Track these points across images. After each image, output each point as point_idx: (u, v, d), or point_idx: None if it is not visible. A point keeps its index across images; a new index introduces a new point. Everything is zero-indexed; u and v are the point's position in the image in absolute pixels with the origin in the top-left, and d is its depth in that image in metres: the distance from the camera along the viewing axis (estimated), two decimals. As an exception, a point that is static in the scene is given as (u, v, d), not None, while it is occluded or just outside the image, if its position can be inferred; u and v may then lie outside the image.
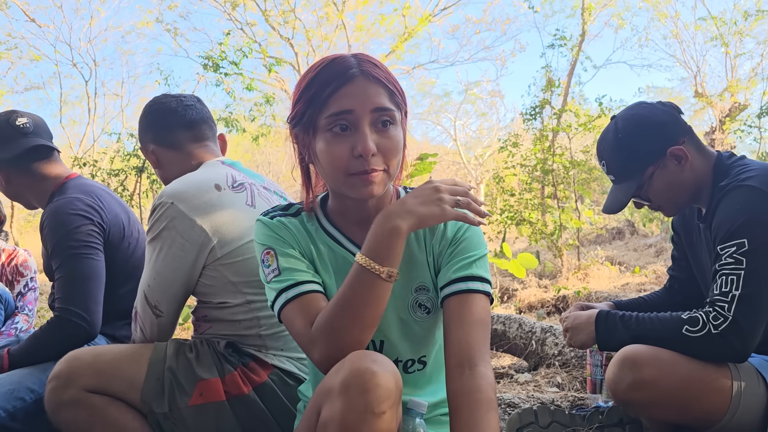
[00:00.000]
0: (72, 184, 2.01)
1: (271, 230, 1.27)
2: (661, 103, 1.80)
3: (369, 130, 1.15)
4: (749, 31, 15.01)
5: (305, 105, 1.18)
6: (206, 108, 1.90)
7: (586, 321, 1.74)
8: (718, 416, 1.56)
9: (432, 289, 1.30)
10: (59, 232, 1.84)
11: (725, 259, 1.53)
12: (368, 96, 1.14)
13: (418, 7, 16.60)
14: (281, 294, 1.21)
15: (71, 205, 1.89)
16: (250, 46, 6.78)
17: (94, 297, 1.82)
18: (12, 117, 2.00)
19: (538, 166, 7.08)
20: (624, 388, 1.57)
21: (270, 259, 1.24)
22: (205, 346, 1.58)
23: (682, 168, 1.72)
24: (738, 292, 1.49)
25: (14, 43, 15.43)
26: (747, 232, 1.52)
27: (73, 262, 1.82)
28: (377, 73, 1.16)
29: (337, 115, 1.14)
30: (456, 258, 1.25)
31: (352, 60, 1.17)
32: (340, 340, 1.11)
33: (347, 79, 1.14)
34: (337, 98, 1.14)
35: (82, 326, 1.77)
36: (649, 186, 1.76)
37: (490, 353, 3.14)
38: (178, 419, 1.49)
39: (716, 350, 1.51)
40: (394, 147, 1.17)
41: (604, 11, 15.17)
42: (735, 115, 13.38)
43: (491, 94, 24.50)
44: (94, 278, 1.83)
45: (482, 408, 1.09)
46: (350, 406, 0.99)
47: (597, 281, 5.75)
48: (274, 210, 1.32)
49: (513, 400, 2.11)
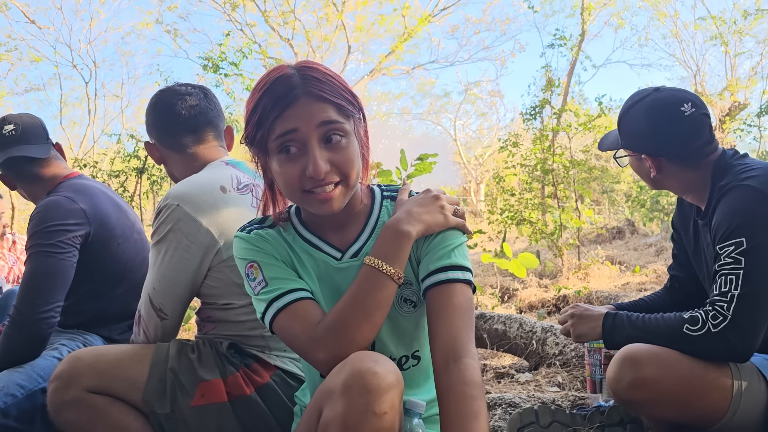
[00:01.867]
0: (66, 184, 2.03)
1: (250, 244, 1.28)
2: (700, 104, 1.75)
3: (318, 148, 1.14)
4: (749, 30, 15.02)
5: (254, 128, 1.18)
6: (213, 102, 1.86)
7: (594, 315, 1.76)
8: (719, 415, 1.56)
9: (415, 282, 1.30)
10: (34, 229, 1.86)
11: (724, 258, 1.53)
12: (312, 114, 1.13)
13: (418, 8, 16.62)
14: (272, 304, 1.21)
15: (52, 203, 1.91)
16: (249, 46, 6.78)
17: (43, 295, 1.81)
18: (1, 125, 2.03)
19: (538, 166, 7.08)
20: (625, 386, 1.58)
21: (255, 272, 1.25)
22: (207, 346, 1.58)
23: (650, 172, 1.79)
24: (737, 291, 1.49)
25: (14, 44, 15.46)
26: (745, 231, 1.52)
27: (34, 259, 1.84)
28: (321, 89, 1.15)
29: (283, 136, 1.14)
30: (434, 249, 1.26)
31: (295, 78, 1.15)
32: (350, 338, 1.12)
33: (290, 102, 1.13)
34: (282, 120, 1.14)
35: (28, 324, 1.79)
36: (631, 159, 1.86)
37: (491, 353, 3.15)
38: (180, 420, 1.49)
39: (716, 349, 1.52)
40: (347, 159, 1.17)
41: (603, 11, 15.21)
42: (735, 114, 13.39)
43: (491, 94, 24.55)
44: (51, 276, 1.83)
45: (468, 400, 1.09)
46: (352, 407, 1.00)
47: (597, 281, 5.74)
48: (251, 224, 1.33)
49: (514, 400, 2.11)
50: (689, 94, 1.74)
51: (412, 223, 1.21)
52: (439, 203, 1.25)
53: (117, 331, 2.06)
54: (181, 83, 1.86)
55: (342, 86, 1.19)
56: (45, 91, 20.94)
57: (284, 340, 1.22)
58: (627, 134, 1.80)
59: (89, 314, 2.02)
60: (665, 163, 1.75)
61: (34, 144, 2.06)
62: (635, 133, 1.77)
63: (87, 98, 16.45)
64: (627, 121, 1.79)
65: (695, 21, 15.90)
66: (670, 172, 1.77)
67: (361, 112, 1.24)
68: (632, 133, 1.78)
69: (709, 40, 15.55)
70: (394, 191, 1.37)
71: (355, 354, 1.07)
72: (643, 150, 1.77)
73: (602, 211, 14.60)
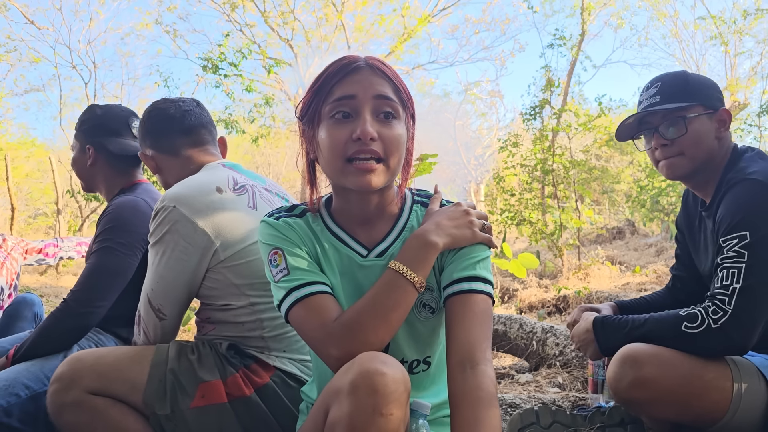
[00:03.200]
0: (143, 187, 2.11)
1: (277, 230, 1.28)
2: None
3: (370, 117, 1.18)
4: (749, 30, 15.04)
5: (312, 96, 1.23)
6: (206, 111, 1.92)
7: (585, 332, 1.75)
8: (719, 414, 1.56)
9: (436, 289, 1.31)
10: (108, 225, 1.90)
11: (727, 252, 1.54)
12: (371, 84, 1.19)
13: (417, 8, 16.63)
14: (291, 293, 1.22)
15: (132, 204, 1.95)
16: (249, 47, 6.78)
17: (102, 290, 1.85)
18: (131, 117, 2.18)
19: (538, 166, 7.08)
20: (625, 386, 1.58)
21: (278, 259, 1.25)
22: (206, 347, 1.58)
23: (719, 132, 1.75)
24: (739, 285, 1.49)
25: (14, 45, 15.47)
26: (749, 225, 1.52)
27: (100, 255, 1.88)
28: (384, 69, 1.23)
29: (339, 100, 1.19)
30: (459, 259, 1.27)
31: (360, 59, 1.22)
32: (365, 338, 1.13)
33: (353, 70, 1.20)
34: (341, 85, 1.20)
35: (77, 314, 1.81)
36: (685, 124, 1.73)
37: (492, 353, 3.15)
38: (180, 421, 1.48)
39: (715, 344, 1.52)
40: (395, 138, 1.20)
41: (603, 11, 15.21)
42: (735, 114, 13.40)
43: (491, 94, 24.58)
44: (111, 273, 1.87)
45: (483, 406, 1.10)
46: (358, 407, 1.00)
47: (597, 281, 5.75)
48: (279, 211, 1.33)
49: (514, 401, 2.11)
50: None
51: (440, 235, 1.23)
52: (469, 218, 1.27)
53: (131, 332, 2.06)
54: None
55: (401, 80, 1.25)
56: (44, 91, 20.96)
57: (298, 332, 1.22)
58: (684, 89, 1.78)
59: (109, 313, 2.02)
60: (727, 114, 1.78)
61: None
62: (695, 89, 1.77)
63: (86, 99, 16.44)
64: (696, 80, 1.80)
65: (695, 21, 15.94)
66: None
67: (413, 117, 1.29)
68: (691, 89, 1.77)
69: (708, 40, 15.60)
70: (426, 197, 1.38)
71: (364, 354, 1.07)
72: (702, 101, 1.76)
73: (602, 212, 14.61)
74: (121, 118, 2.15)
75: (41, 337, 1.82)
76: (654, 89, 1.81)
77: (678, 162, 1.77)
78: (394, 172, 1.23)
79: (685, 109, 1.74)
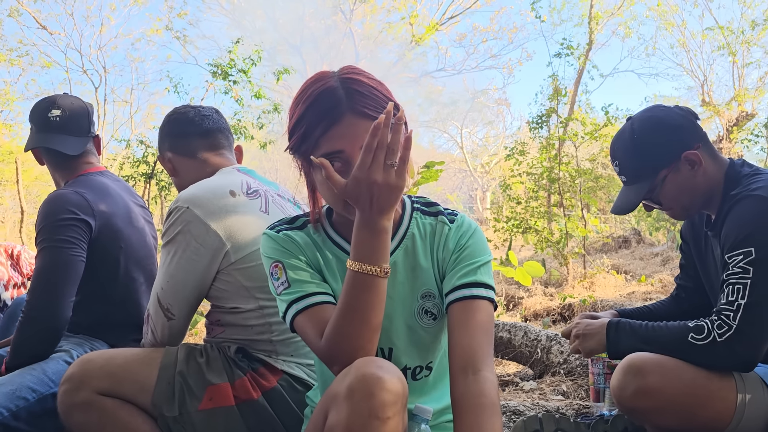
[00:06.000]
0: (82, 178, 2.07)
1: (277, 244, 1.29)
2: (678, 107, 1.81)
3: None
4: (757, 41, 15.02)
5: (299, 141, 1.19)
6: (224, 119, 1.95)
7: (598, 328, 1.74)
8: (723, 424, 1.57)
9: (438, 295, 1.32)
10: (42, 224, 1.88)
11: (732, 268, 1.53)
12: (358, 134, 1.14)
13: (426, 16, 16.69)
14: (292, 305, 1.23)
15: (59, 197, 1.93)
16: (259, 53, 6.82)
17: (54, 288, 1.83)
18: (49, 107, 2.09)
19: (545, 175, 7.08)
20: (629, 395, 1.58)
21: (279, 272, 1.26)
22: (215, 351, 1.60)
23: (695, 173, 1.72)
24: (744, 301, 1.49)
25: (25, 50, 15.61)
26: (754, 241, 1.52)
27: (44, 254, 1.86)
28: (365, 105, 1.15)
29: (328, 156, 1.15)
30: (460, 264, 1.28)
31: (339, 92, 1.15)
32: (353, 347, 1.13)
33: (335, 120, 1.14)
34: (327, 139, 1.15)
35: (41, 320, 1.81)
36: (661, 189, 1.75)
37: (496, 361, 3.16)
38: (188, 423, 1.51)
39: (721, 359, 1.52)
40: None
41: (611, 20, 15.22)
42: (742, 125, 13.37)
43: (498, 102, 24.63)
44: (61, 269, 1.85)
45: (486, 412, 1.11)
46: (356, 412, 1.01)
47: (603, 290, 5.73)
48: (280, 223, 1.34)
49: (518, 408, 2.12)
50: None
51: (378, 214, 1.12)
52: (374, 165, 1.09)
53: (123, 340, 2.04)
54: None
55: (385, 97, 1.19)
56: (55, 96, 21.02)
57: (305, 341, 1.24)
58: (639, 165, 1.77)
59: (94, 317, 2.02)
60: (702, 151, 1.73)
61: (73, 135, 2.10)
62: (648, 157, 1.75)
63: (96, 104, 16.54)
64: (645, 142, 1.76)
65: (703, 31, 15.92)
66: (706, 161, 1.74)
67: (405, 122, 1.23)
68: (645, 160, 1.76)
69: (716, 50, 15.57)
70: (425, 204, 1.38)
71: (361, 360, 1.08)
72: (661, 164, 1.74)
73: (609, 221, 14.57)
74: (40, 111, 2.09)
75: (15, 350, 1.83)
76: (616, 168, 1.85)
77: (675, 213, 1.83)
78: None
79: (650, 185, 1.76)
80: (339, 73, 1.20)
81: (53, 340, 1.86)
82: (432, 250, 1.33)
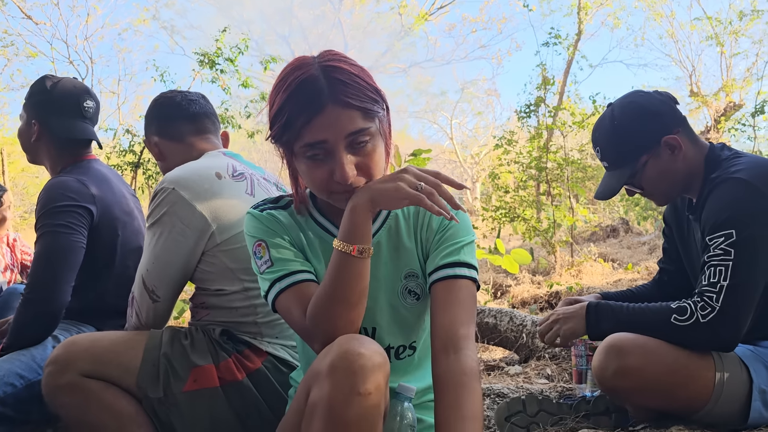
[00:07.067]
0: (79, 165, 2.07)
1: (261, 223, 1.30)
2: (658, 92, 1.83)
3: (345, 155, 1.15)
4: (744, 31, 15.07)
5: (281, 130, 1.18)
6: (210, 104, 1.95)
7: (577, 310, 1.76)
8: (701, 404, 1.59)
9: (421, 275, 1.33)
10: (43, 209, 1.88)
11: (714, 250, 1.56)
12: (340, 125, 1.13)
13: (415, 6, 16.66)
14: (275, 284, 1.24)
15: (62, 184, 1.94)
16: (246, 42, 6.79)
17: (54, 273, 1.84)
18: (83, 96, 2.11)
19: (533, 164, 7.12)
20: (610, 375, 1.60)
21: (262, 251, 1.27)
22: (200, 333, 1.60)
23: (675, 157, 1.74)
24: (726, 282, 1.52)
25: (11, 40, 15.39)
26: (735, 223, 1.54)
27: (43, 240, 1.86)
28: (347, 94, 1.14)
29: (311, 146, 1.15)
30: (443, 245, 1.29)
31: (321, 82, 1.14)
32: (332, 325, 1.14)
33: (317, 110, 1.13)
34: (310, 130, 1.14)
35: (40, 303, 1.82)
36: (642, 174, 1.78)
37: (482, 346, 3.19)
38: (173, 404, 1.51)
39: (703, 339, 1.55)
40: (374, 162, 1.18)
41: (600, 11, 15.25)
42: (730, 115, 13.44)
43: (487, 92, 24.64)
44: (61, 255, 1.86)
45: (466, 389, 1.13)
46: (337, 388, 1.02)
47: (590, 277, 5.79)
48: (264, 203, 1.35)
49: (502, 391, 2.14)
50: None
51: (360, 196, 1.16)
52: (400, 175, 1.15)
53: (110, 325, 2.05)
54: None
55: (367, 85, 1.17)
56: (41, 86, 20.79)
57: (285, 320, 1.25)
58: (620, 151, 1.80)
59: (84, 303, 2.03)
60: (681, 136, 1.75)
61: (94, 126, 2.16)
62: (628, 142, 1.78)
63: (83, 94, 16.35)
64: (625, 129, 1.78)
65: (691, 21, 15.96)
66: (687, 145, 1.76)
67: (385, 106, 1.23)
68: (625, 145, 1.78)
69: (704, 41, 15.63)
70: None
71: (343, 337, 1.09)
72: (642, 150, 1.77)
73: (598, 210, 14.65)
74: (71, 96, 2.09)
75: (14, 333, 1.84)
76: (598, 153, 1.87)
77: (656, 198, 1.86)
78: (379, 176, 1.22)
79: (631, 170, 1.78)
80: (319, 59, 1.18)
81: (51, 324, 1.87)
82: (415, 230, 1.34)
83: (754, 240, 1.53)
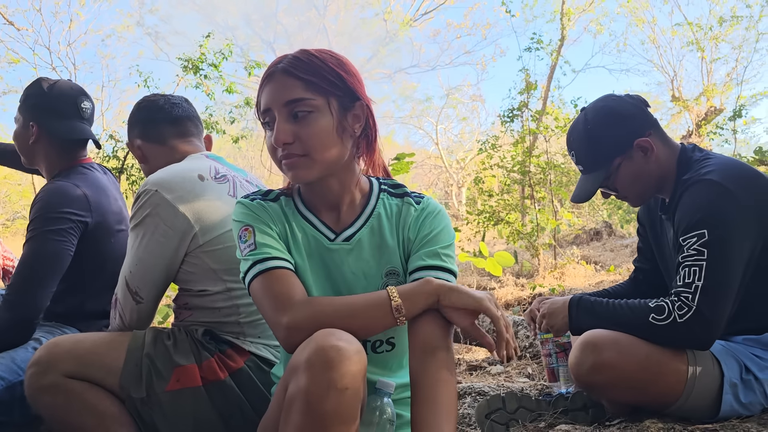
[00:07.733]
0: (77, 170, 2.07)
1: (250, 210, 1.34)
2: (629, 95, 1.87)
3: (283, 122, 1.24)
4: (725, 37, 15.24)
5: (256, 108, 1.33)
6: (193, 108, 1.97)
7: (561, 306, 1.80)
8: (673, 398, 1.63)
9: (402, 273, 1.36)
10: (37, 213, 1.89)
11: (687, 250, 1.59)
12: (281, 92, 1.25)
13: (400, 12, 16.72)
14: (255, 265, 1.27)
15: (58, 189, 1.94)
16: (230, 48, 6.79)
17: (37, 278, 1.84)
18: (80, 98, 2.11)
19: (516, 168, 7.18)
20: (585, 370, 1.64)
21: (248, 235, 1.31)
22: (182, 333, 1.62)
23: (648, 159, 1.78)
24: (701, 282, 1.55)
25: (-8, 46, 15.24)
26: (707, 224, 1.58)
27: (31, 243, 1.86)
28: (296, 66, 1.25)
29: (263, 114, 1.28)
30: (426, 248, 1.33)
31: (287, 57, 1.28)
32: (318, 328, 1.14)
33: (269, 79, 1.28)
34: (263, 97, 1.28)
35: (18, 306, 1.81)
36: (615, 176, 1.82)
37: (465, 347, 3.22)
38: (156, 404, 1.52)
39: (681, 338, 1.58)
40: (312, 134, 1.24)
41: (582, 16, 15.38)
42: (711, 119, 13.61)
43: (472, 98, 24.71)
44: (49, 261, 1.86)
45: (441, 386, 1.17)
46: (314, 382, 1.04)
47: (572, 279, 5.85)
48: (254, 194, 1.40)
49: (483, 389, 2.17)
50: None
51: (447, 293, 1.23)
52: (489, 296, 1.27)
53: (94, 328, 2.06)
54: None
55: (327, 67, 1.27)
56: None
57: (256, 302, 1.27)
58: (593, 154, 1.84)
59: (69, 307, 2.03)
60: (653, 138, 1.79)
61: (91, 126, 2.16)
62: (602, 145, 1.81)
63: (66, 100, 16.20)
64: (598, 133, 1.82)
65: (672, 27, 16.11)
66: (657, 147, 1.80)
67: (352, 95, 1.30)
68: (599, 149, 1.82)
69: (685, 46, 15.76)
70: (392, 186, 1.44)
71: (320, 331, 1.11)
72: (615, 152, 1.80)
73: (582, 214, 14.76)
74: (69, 98, 2.10)
75: None
76: (573, 157, 1.91)
77: (630, 200, 1.89)
78: (327, 161, 1.27)
79: (605, 173, 1.81)
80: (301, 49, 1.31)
81: (29, 330, 1.86)
82: (398, 229, 1.38)
83: (726, 240, 1.57)
